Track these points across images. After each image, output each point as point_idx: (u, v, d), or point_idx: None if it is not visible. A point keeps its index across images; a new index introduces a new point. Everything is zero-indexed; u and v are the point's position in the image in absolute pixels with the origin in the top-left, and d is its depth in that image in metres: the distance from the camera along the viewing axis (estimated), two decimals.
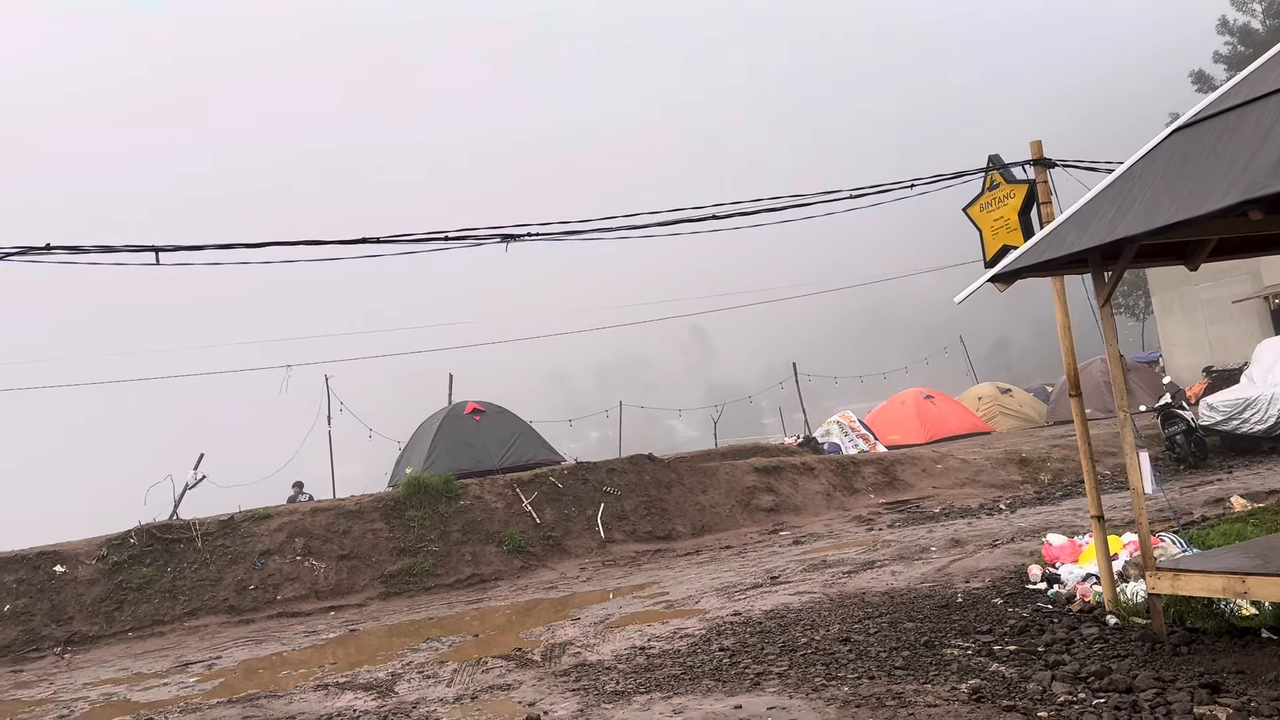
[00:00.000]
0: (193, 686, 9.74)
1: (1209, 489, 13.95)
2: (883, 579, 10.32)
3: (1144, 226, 5.73)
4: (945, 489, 18.16)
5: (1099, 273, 6.85)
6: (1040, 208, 8.58)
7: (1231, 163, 5.50)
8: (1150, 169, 6.29)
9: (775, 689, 6.57)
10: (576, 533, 15.91)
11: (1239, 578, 6.01)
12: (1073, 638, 6.83)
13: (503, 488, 16.43)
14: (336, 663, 10.03)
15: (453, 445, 19.03)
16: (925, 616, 8.12)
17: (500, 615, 11.82)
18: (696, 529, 16.47)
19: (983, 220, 8.96)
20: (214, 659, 11.13)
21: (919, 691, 6.03)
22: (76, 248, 7.81)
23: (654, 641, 8.65)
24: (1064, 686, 5.73)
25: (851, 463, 19.54)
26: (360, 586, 14.34)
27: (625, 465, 17.62)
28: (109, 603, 13.58)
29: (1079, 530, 10.39)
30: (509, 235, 9.11)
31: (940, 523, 14.69)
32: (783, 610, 9.24)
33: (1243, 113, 5.91)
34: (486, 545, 15.26)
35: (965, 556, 11.05)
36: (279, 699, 8.41)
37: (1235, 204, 5.11)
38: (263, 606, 13.80)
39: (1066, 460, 18.60)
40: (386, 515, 15.49)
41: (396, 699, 7.83)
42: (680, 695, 6.73)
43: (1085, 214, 6.48)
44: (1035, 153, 8.70)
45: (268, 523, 15.05)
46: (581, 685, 7.39)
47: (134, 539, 14.43)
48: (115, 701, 9.52)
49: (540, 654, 8.83)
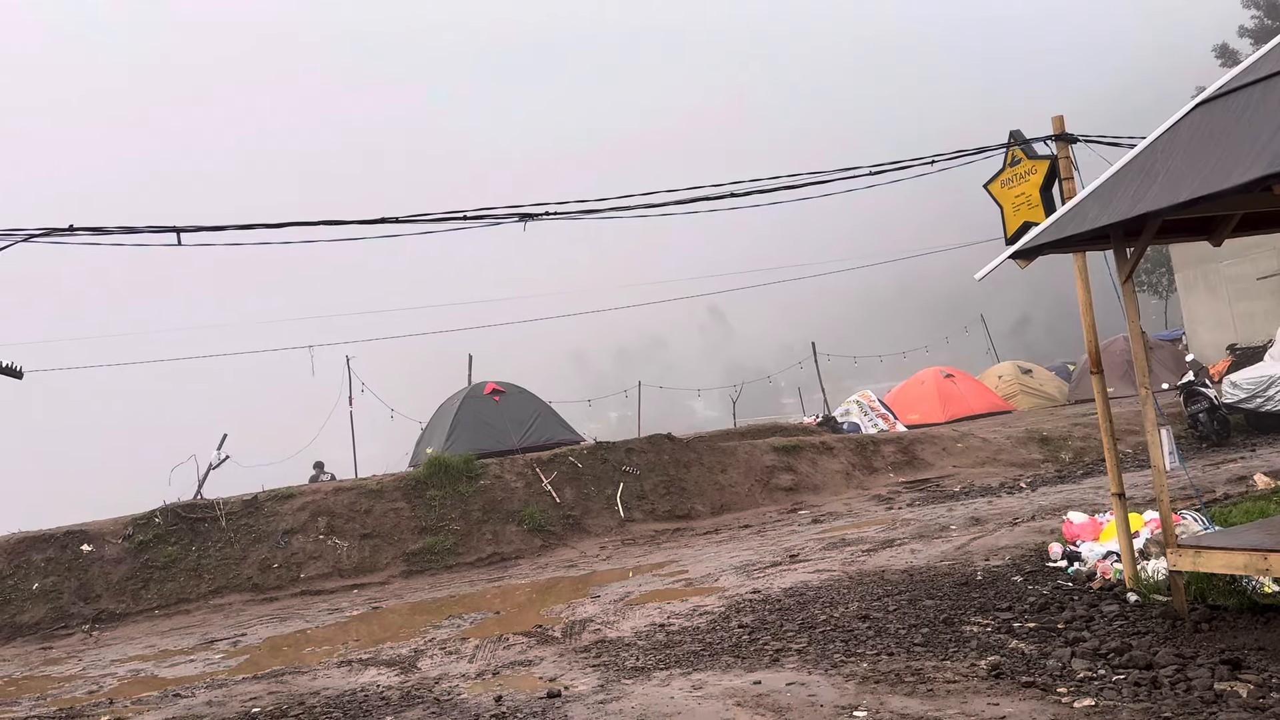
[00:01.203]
0: (218, 663, 9.88)
1: (1232, 467, 13.86)
2: (902, 557, 10.33)
3: (1167, 201, 5.68)
4: (965, 468, 18.11)
5: (1121, 249, 6.79)
6: (1062, 184, 8.52)
7: (1256, 137, 5.44)
8: (1173, 143, 6.23)
9: (794, 665, 6.60)
10: (596, 512, 15.99)
11: (1261, 555, 5.99)
12: (1093, 615, 6.82)
13: (522, 467, 16.51)
14: (359, 640, 10.15)
15: (473, 425, 19.13)
16: (944, 594, 8.13)
17: (521, 593, 11.91)
18: (715, 508, 16.52)
19: (1004, 197, 8.91)
20: (239, 636, 11.28)
21: (938, 668, 6.05)
22: (100, 229, 7.89)
23: (673, 619, 8.71)
24: (1084, 663, 5.74)
25: (871, 442, 19.52)
26: (382, 565, 14.48)
27: (644, 445, 17.66)
28: (135, 581, 13.77)
29: (1100, 508, 10.35)
30: (527, 214, 9.13)
31: (960, 501, 14.67)
32: (801, 588, 9.27)
33: (1268, 86, 5.84)
34: (507, 524, 15.36)
35: (985, 535, 11.04)
36: (303, 675, 8.52)
37: (1259, 178, 5.06)
38: (286, 585, 13.96)
39: (1088, 439, 18.50)
40: (408, 494, 15.61)
41: (419, 675, 7.92)
42: (699, 671, 6.77)
43: (1107, 189, 6.43)
44: (1057, 128, 8.62)
45: (291, 502, 15.20)
46: (602, 661, 7.46)
47: (159, 518, 14.61)
48: (143, 677, 9.68)
49: (561, 631, 8.90)
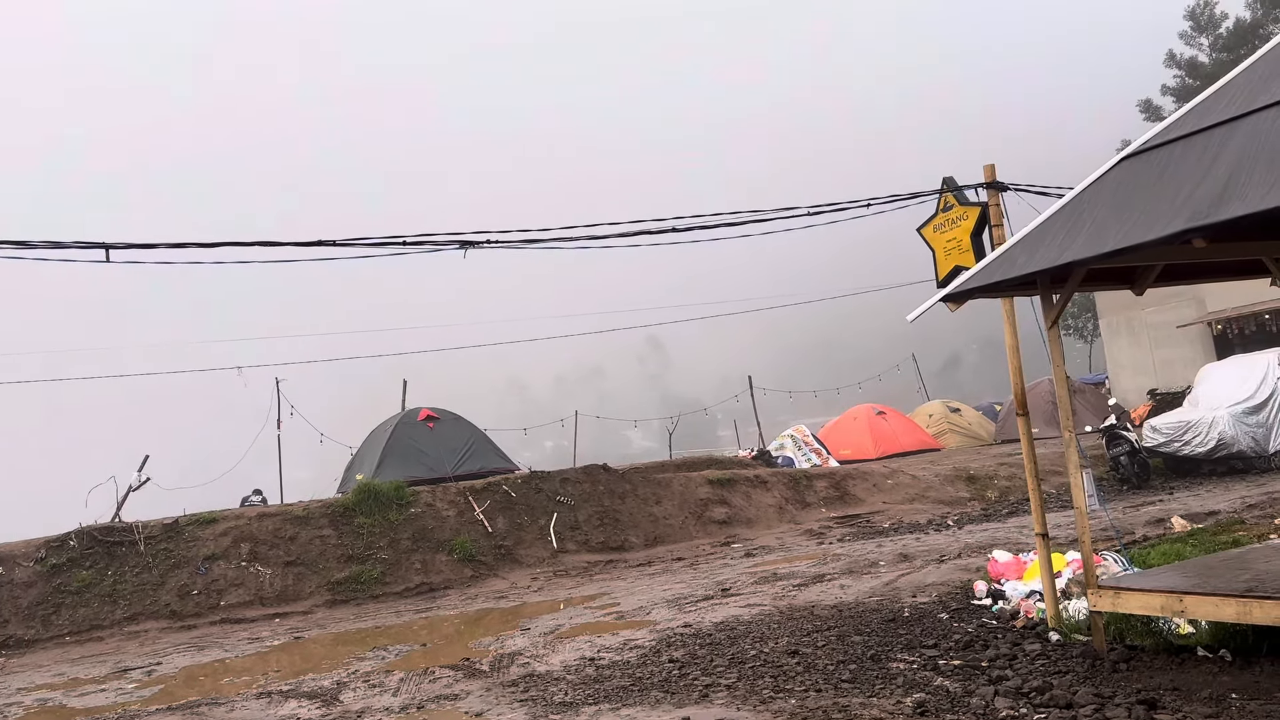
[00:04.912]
0: (131, 693, 9.53)
1: (1151, 509, 14.24)
2: (832, 592, 10.40)
3: (1091, 251, 5.86)
4: (895, 504, 18.35)
5: (1047, 295, 6.98)
6: (992, 230, 8.74)
7: (1177, 191, 5.65)
8: (1099, 195, 6.44)
9: (723, 701, 6.59)
10: (529, 542, 15.84)
11: (1177, 597, 6.15)
12: (1016, 653, 6.93)
13: (455, 496, 16.31)
14: (280, 670, 9.88)
15: (405, 452, 18.87)
16: (872, 630, 8.20)
17: (449, 624, 11.72)
18: (649, 540, 16.48)
19: (936, 241, 9.10)
20: (154, 665, 10.91)
21: (865, 705, 6.08)
22: (23, 243, 7.66)
23: (604, 652, 8.64)
24: (1006, 701, 5.82)
25: (804, 476, 19.68)
26: (307, 593, 14.14)
27: (579, 475, 17.58)
28: (46, 606, 13.25)
29: (1024, 547, 10.55)
30: (467, 241, 9.08)
31: (889, 537, 14.84)
32: (733, 622, 9.27)
33: (1188, 143, 6.07)
34: (437, 554, 15.14)
35: (913, 571, 11.17)
36: (220, 706, 8.27)
37: (1179, 232, 5.25)
38: (205, 612, 13.55)
39: (1013, 478, 18.89)
40: (335, 522, 15.30)
41: (341, 708, 7.73)
42: (629, 706, 6.72)
43: (1035, 237, 6.61)
44: (988, 176, 8.86)
45: (213, 527, 14.79)
46: (529, 696, 7.36)
47: (74, 541, 14.11)
48: (51, 707, 9.29)
49: (489, 664, 8.77)
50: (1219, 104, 6.23)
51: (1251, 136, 5.56)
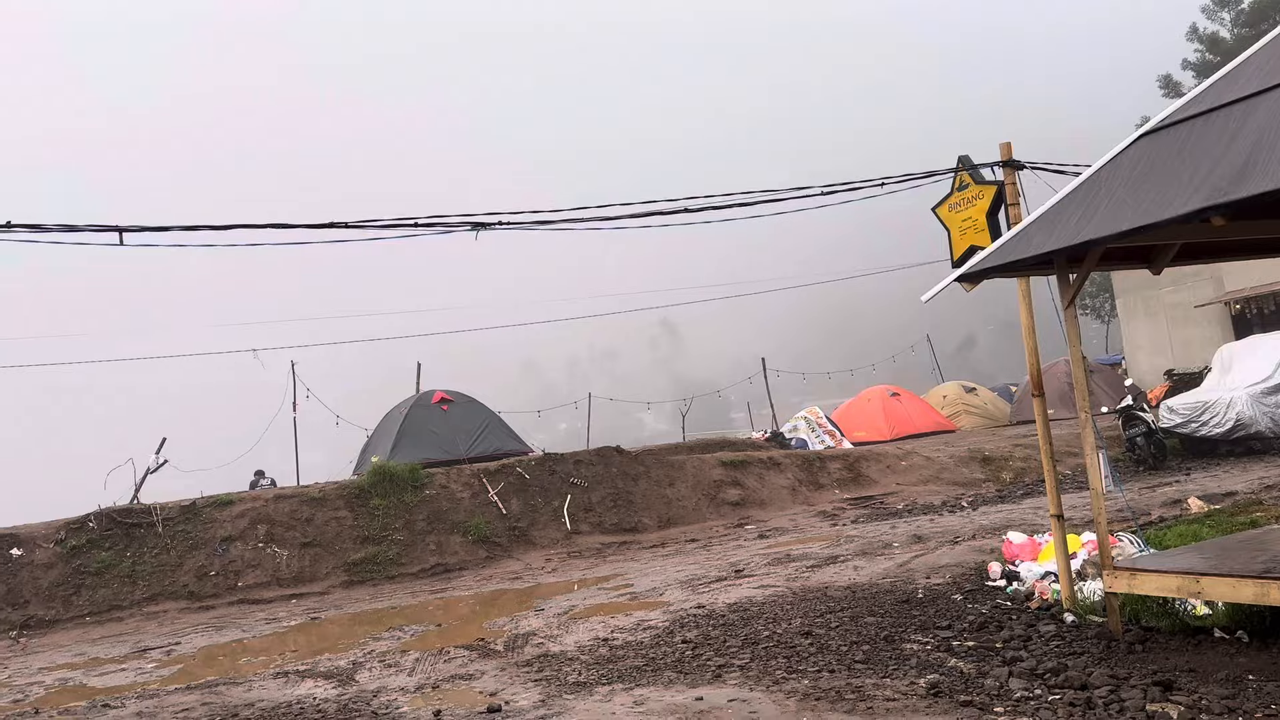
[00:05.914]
0: (150, 673, 9.64)
1: (1167, 490, 14.16)
2: (845, 574, 10.39)
3: (1109, 230, 5.80)
4: (909, 486, 18.31)
5: (1064, 275, 6.92)
6: (1008, 209, 8.65)
7: (1195, 169, 5.58)
8: (1116, 173, 6.37)
9: (736, 681, 6.60)
10: (542, 524, 15.89)
11: (1193, 578, 6.12)
12: (1030, 634, 6.92)
13: (469, 478, 16.37)
14: (297, 650, 9.96)
15: (419, 434, 18.93)
16: (886, 611, 8.19)
17: (464, 605, 11.79)
18: (662, 522, 16.51)
19: (951, 220, 9.03)
20: (173, 645, 11.02)
21: (878, 685, 6.08)
22: (38, 226, 7.68)
23: (617, 633, 8.67)
24: (1020, 683, 5.80)
25: (817, 458, 19.65)
26: (323, 574, 14.24)
27: (593, 457, 17.61)
28: (66, 587, 13.39)
29: (1039, 528, 10.51)
30: (479, 223, 9.06)
31: (903, 519, 14.82)
32: (746, 603, 9.28)
33: (1208, 120, 5.99)
34: (451, 535, 15.20)
35: (927, 553, 11.15)
36: (238, 686, 8.34)
37: (1198, 210, 5.18)
38: (223, 593, 13.67)
39: (1028, 459, 18.81)
40: (351, 503, 15.39)
41: (357, 687, 7.79)
42: (642, 686, 6.74)
43: (1052, 216, 6.55)
44: (1005, 154, 8.77)
45: (230, 509, 14.90)
46: (544, 675, 7.39)
47: (93, 523, 14.24)
48: (71, 686, 9.40)
49: (503, 644, 8.82)
50: (1239, 80, 6.14)
51: (1272, 113, 5.48)
